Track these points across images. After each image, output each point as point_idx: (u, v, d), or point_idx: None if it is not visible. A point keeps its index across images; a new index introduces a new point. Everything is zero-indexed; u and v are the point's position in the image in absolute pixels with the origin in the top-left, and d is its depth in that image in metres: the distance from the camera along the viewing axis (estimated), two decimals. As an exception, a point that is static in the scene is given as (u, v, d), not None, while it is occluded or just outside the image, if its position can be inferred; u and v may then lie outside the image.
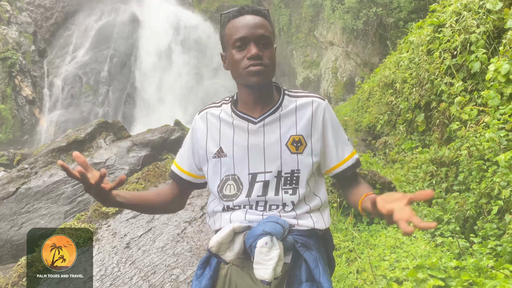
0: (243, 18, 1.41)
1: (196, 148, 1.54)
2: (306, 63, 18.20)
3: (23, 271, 3.35)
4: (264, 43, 1.39)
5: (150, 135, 7.85)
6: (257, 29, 1.38)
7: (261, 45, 1.39)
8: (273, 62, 1.42)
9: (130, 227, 4.18)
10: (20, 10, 19.23)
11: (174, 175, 1.61)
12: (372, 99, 7.83)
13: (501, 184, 3.58)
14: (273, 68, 1.43)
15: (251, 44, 1.37)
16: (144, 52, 20.04)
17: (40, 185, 6.68)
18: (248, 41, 1.38)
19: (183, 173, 1.59)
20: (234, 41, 1.39)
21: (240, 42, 1.38)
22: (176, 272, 3.41)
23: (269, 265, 1.28)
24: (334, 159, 1.48)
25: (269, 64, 1.40)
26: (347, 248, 3.58)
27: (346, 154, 1.50)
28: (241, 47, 1.39)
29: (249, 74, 1.38)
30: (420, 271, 2.72)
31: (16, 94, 17.08)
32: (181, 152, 1.61)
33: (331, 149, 1.47)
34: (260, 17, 1.42)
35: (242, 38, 1.38)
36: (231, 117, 1.49)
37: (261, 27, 1.39)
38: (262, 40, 1.39)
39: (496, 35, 4.75)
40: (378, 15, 13.04)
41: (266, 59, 1.39)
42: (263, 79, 1.39)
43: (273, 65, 1.42)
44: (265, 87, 1.46)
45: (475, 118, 4.50)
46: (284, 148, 1.41)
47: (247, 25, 1.39)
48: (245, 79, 1.40)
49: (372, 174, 4.22)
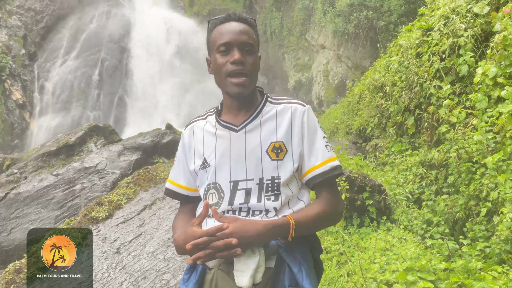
0: (228, 24, 1.43)
1: (188, 162, 1.56)
2: (298, 66, 18.26)
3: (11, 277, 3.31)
4: (247, 49, 1.41)
5: (141, 139, 7.82)
6: (241, 35, 1.41)
7: (244, 51, 1.41)
8: (256, 69, 1.44)
9: (121, 232, 4.15)
10: (10, 13, 19.08)
11: (173, 193, 1.62)
12: (363, 102, 7.87)
13: (489, 186, 3.62)
14: (255, 77, 1.45)
15: (235, 49, 1.40)
16: (135, 55, 19.97)
17: (30, 190, 6.62)
18: (232, 47, 1.40)
19: (181, 188, 1.60)
20: (219, 46, 1.42)
21: (224, 47, 1.41)
22: (166, 277, 3.40)
23: (247, 272, 1.30)
24: (306, 165, 1.46)
25: (250, 71, 1.41)
26: (337, 251, 3.59)
27: (318, 161, 1.46)
28: (225, 52, 1.41)
29: (231, 84, 1.41)
30: (410, 274, 2.73)
31: (6, 98, 16.92)
32: (176, 169, 1.62)
33: (304, 154, 1.46)
34: (245, 25, 1.44)
35: (227, 43, 1.40)
36: (214, 128, 1.51)
37: (246, 33, 1.42)
38: (245, 46, 1.41)
39: (484, 38, 4.80)
40: (369, 19, 13.13)
41: (249, 65, 1.41)
42: (244, 91, 1.42)
43: (255, 73, 1.44)
44: (248, 95, 1.48)
45: (464, 121, 4.54)
46: (264, 155, 1.42)
47: (232, 31, 1.41)
48: (228, 88, 1.43)
49: (362, 176, 4.24)
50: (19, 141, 17.09)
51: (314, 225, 1.42)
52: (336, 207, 1.47)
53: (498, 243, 3.10)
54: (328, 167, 1.45)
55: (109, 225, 4.29)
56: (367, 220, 4.07)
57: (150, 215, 4.54)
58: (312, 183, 1.47)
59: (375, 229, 4.00)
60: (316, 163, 1.45)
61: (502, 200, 3.42)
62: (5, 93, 16.93)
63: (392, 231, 3.90)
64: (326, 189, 1.47)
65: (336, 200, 1.48)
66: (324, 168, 1.45)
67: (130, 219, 4.39)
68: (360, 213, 4.11)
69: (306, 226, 1.38)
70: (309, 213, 1.40)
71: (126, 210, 4.61)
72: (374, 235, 3.83)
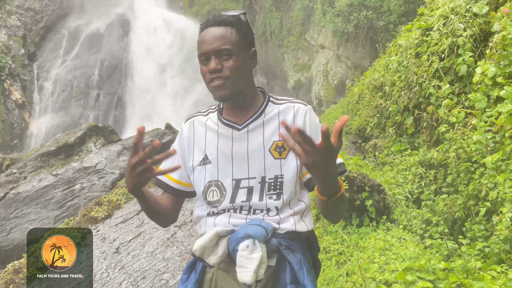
0: (206, 31, 1.43)
1: (185, 156, 1.55)
2: (297, 66, 18.26)
3: (10, 277, 3.31)
4: (225, 54, 1.39)
5: (140, 139, 7.80)
6: (216, 42, 1.39)
7: (222, 57, 1.39)
8: (237, 71, 1.41)
9: (120, 232, 4.15)
10: (9, 13, 19.07)
11: (165, 185, 1.59)
12: (362, 102, 7.87)
13: (489, 185, 3.62)
14: (238, 77, 1.42)
15: (212, 58, 1.39)
16: (135, 55, 19.97)
17: (29, 190, 6.61)
18: (209, 56, 1.40)
19: (173, 181, 1.58)
20: (199, 56, 1.43)
21: (204, 57, 1.41)
22: (166, 277, 3.40)
23: (250, 268, 1.30)
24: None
25: (229, 75, 1.39)
26: (336, 251, 3.59)
27: None
28: (205, 61, 1.42)
29: (212, 90, 1.41)
30: (409, 273, 2.73)
31: (5, 98, 16.91)
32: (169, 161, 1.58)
33: None
34: (223, 28, 1.41)
35: (204, 53, 1.41)
36: (216, 125, 1.51)
37: (220, 39, 1.39)
38: (222, 52, 1.39)
39: (483, 38, 4.80)
40: (369, 19, 13.13)
41: (227, 70, 1.39)
42: (225, 93, 1.40)
43: (236, 74, 1.41)
44: (241, 95, 1.46)
45: (463, 121, 4.55)
46: (267, 154, 1.42)
47: (207, 39, 1.41)
48: (211, 93, 1.43)
49: (362, 176, 4.24)
50: (19, 141, 17.09)
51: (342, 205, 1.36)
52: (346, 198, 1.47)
53: (497, 242, 3.10)
54: None
55: (108, 225, 4.29)
56: (366, 219, 4.07)
57: (149, 215, 4.53)
58: (312, 183, 1.45)
59: (374, 228, 4.00)
60: None
61: (501, 200, 3.42)
62: (5, 93, 16.92)
63: (391, 231, 3.90)
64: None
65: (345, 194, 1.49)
66: None
67: (129, 219, 4.39)
68: (359, 213, 4.11)
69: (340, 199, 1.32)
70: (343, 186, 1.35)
71: (126, 210, 4.61)
72: (373, 234, 3.83)
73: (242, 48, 1.44)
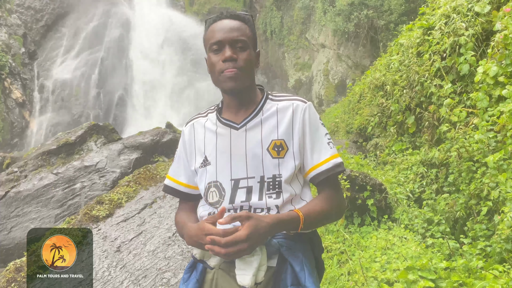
0: (221, 22, 1.43)
1: (188, 159, 1.55)
2: (298, 65, 18.25)
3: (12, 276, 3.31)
4: (240, 46, 1.40)
5: (141, 137, 7.81)
6: (232, 32, 1.40)
7: (237, 48, 1.40)
8: (250, 65, 1.42)
9: (121, 231, 4.15)
10: (9, 12, 19.05)
11: (173, 190, 1.60)
12: (363, 101, 7.87)
13: (490, 185, 3.62)
14: (250, 72, 1.43)
15: (226, 47, 1.39)
16: (135, 54, 19.95)
17: (30, 188, 6.61)
18: (223, 45, 1.40)
19: (181, 185, 1.59)
20: (211, 45, 1.42)
21: (216, 46, 1.41)
22: (167, 276, 3.39)
23: (249, 271, 1.29)
24: (309, 162, 1.45)
25: (243, 67, 1.40)
26: (338, 250, 3.59)
27: (322, 158, 1.44)
28: (217, 51, 1.41)
29: (223, 79, 1.40)
30: (411, 273, 2.73)
31: (5, 97, 16.90)
32: (176, 166, 1.61)
33: (306, 152, 1.45)
34: (238, 22, 1.43)
35: (218, 42, 1.40)
36: (215, 125, 1.50)
37: (237, 30, 1.41)
38: (237, 43, 1.40)
39: (485, 37, 4.80)
40: (369, 18, 13.12)
41: (241, 61, 1.39)
42: (237, 84, 1.40)
43: (249, 68, 1.42)
44: (246, 91, 1.46)
45: (464, 120, 4.54)
46: (265, 153, 1.41)
47: (223, 29, 1.41)
48: (221, 84, 1.42)
49: (363, 175, 4.23)
50: (19, 140, 17.08)
51: (319, 219, 1.41)
52: (339, 204, 1.47)
53: (499, 242, 3.10)
54: (331, 164, 1.44)
55: (109, 223, 4.29)
56: (367, 219, 4.07)
57: (150, 213, 4.53)
58: (316, 180, 1.45)
59: (376, 228, 4.00)
60: (319, 161, 1.44)
61: (503, 199, 3.42)
62: (5, 91, 16.91)
63: (392, 230, 3.90)
64: (329, 186, 1.46)
65: (339, 197, 1.48)
66: (327, 165, 1.44)
67: (130, 218, 4.39)
68: (360, 212, 4.11)
69: (312, 221, 1.37)
70: (315, 208, 1.39)
71: (127, 209, 4.61)
72: (375, 234, 3.83)
73: (252, 45, 1.46)
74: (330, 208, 1.43)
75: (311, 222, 1.38)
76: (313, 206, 1.40)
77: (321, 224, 1.48)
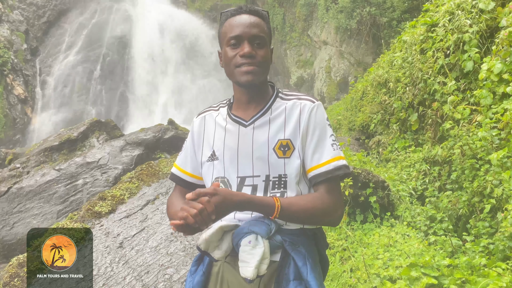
0: (239, 17, 1.43)
1: (196, 150, 1.57)
2: (300, 62, 18.22)
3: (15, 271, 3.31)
4: (258, 42, 1.40)
5: (143, 134, 7.81)
6: (252, 28, 1.40)
7: (255, 44, 1.40)
8: (267, 62, 1.43)
9: (124, 227, 4.16)
10: (11, 8, 19.05)
11: (178, 178, 1.62)
12: (366, 99, 7.85)
13: (494, 182, 3.61)
14: (266, 68, 1.44)
15: (245, 43, 1.39)
16: (137, 51, 19.94)
17: (32, 184, 6.62)
18: (242, 40, 1.40)
19: (186, 175, 1.61)
20: (229, 39, 1.41)
21: (235, 40, 1.40)
22: (169, 272, 3.40)
23: (251, 264, 1.29)
24: (309, 163, 1.42)
25: (261, 63, 1.40)
26: (341, 247, 3.59)
27: (322, 160, 1.41)
28: (235, 45, 1.41)
29: (240, 73, 1.40)
30: (414, 270, 2.72)
31: (8, 93, 16.92)
32: (183, 155, 1.62)
33: (307, 152, 1.43)
34: (256, 17, 1.43)
35: (237, 36, 1.40)
36: (225, 121, 1.51)
37: (256, 26, 1.41)
38: (256, 39, 1.40)
39: (489, 34, 4.78)
40: (372, 15, 13.07)
41: (259, 57, 1.40)
42: (254, 79, 1.40)
43: (266, 65, 1.43)
44: (258, 87, 1.46)
45: (468, 117, 4.53)
46: (271, 152, 1.41)
47: (243, 24, 1.40)
48: (237, 77, 1.42)
49: (366, 173, 4.23)
50: (21, 136, 17.11)
51: (299, 216, 1.36)
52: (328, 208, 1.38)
53: (502, 239, 3.10)
54: (331, 166, 1.40)
55: (112, 219, 4.29)
56: (370, 216, 4.06)
57: (153, 210, 4.54)
58: (313, 181, 1.43)
59: (379, 225, 4.00)
60: (319, 162, 1.41)
61: (506, 197, 3.41)
62: (7, 88, 16.93)
63: (395, 227, 3.89)
64: (325, 188, 1.41)
65: (332, 200, 1.40)
66: (327, 167, 1.40)
67: (133, 214, 4.39)
68: (363, 209, 4.11)
69: (290, 214, 1.34)
70: (299, 203, 1.35)
71: (129, 205, 4.61)
72: (377, 231, 3.82)
73: (269, 42, 1.46)
74: (314, 209, 1.36)
75: (289, 215, 1.34)
76: (297, 200, 1.36)
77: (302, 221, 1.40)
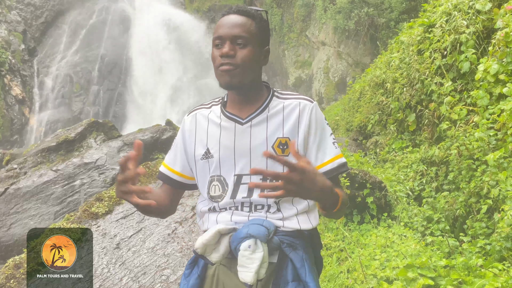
0: (227, 17, 1.42)
1: (186, 149, 1.54)
2: (298, 63, 18.23)
3: (11, 272, 3.30)
4: (239, 42, 1.39)
5: (141, 134, 7.79)
6: (234, 28, 1.39)
7: (238, 44, 1.39)
8: (250, 62, 1.40)
9: (120, 228, 4.15)
10: (9, 8, 19.01)
11: (166, 177, 1.58)
12: (363, 99, 7.85)
13: (490, 183, 3.61)
14: (249, 69, 1.40)
15: (226, 43, 1.38)
16: (135, 51, 19.91)
17: (29, 185, 6.59)
18: (224, 40, 1.39)
19: (175, 174, 1.57)
20: (214, 40, 1.42)
21: (218, 41, 1.41)
22: (166, 273, 3.39)
23: (251, 268, 1.29)
24: (313, 162, 1.43)
25: (240, 64, 1.38)
26: (337, 247, 3.59)
27: (326, 158, 1.44)
28: (218, 46, 1.41)
29: (219, 74, 1.40)
30: (410, 270, 2.72)
31: (5, 94, 16.87)
32: (172, 154, 1.59)
33: (311, 151, 1.44)
34: (243, 17, 1.41)
35: (219, 36, 1.40)
36: (219, 118, 1.49)
37: (240, 26, 1.39)
38: (237, 39, 1.38)
39: (486, 35, 4.79)
40: (370, 16, 13.09)
41: (239, 58, 1.38)
42: (232, 80, 1.39)
43: (247, 65, 1.39)
44: (249, 88, 1.45)
45: (465, 118, 4.54)
46: (270, 150, 1.40)
47: (226, 24, 1.40)
48: (217, 78, 1.42)
49: (363, 173, 4.23)
50: (19, 137, 17.07)
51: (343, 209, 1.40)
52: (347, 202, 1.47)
53: (499, 240, 3.10)
54: (336, 164, 1.44)
55: (109, 220, 4.28)
56: (367, 216, 4.07)
57: (150, 211, 4.52)
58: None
59: (376, 225, 4.00)
60: (324, 160, 1.44)
61: (503, 198, 3.42)
62: (5, 88, 16.89)
63: (392, 228, 3.89)
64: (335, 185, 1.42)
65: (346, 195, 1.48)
66: (332, 165, 1.44)
67: (130, 215, 4.38)
68: (360, 210, 4.11)
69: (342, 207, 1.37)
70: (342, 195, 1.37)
71: (126, 206, 4.60)
72: (374, 231, 3.83)
73: (257, 42, 1.42)
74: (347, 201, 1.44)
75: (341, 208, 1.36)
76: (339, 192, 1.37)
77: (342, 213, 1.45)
